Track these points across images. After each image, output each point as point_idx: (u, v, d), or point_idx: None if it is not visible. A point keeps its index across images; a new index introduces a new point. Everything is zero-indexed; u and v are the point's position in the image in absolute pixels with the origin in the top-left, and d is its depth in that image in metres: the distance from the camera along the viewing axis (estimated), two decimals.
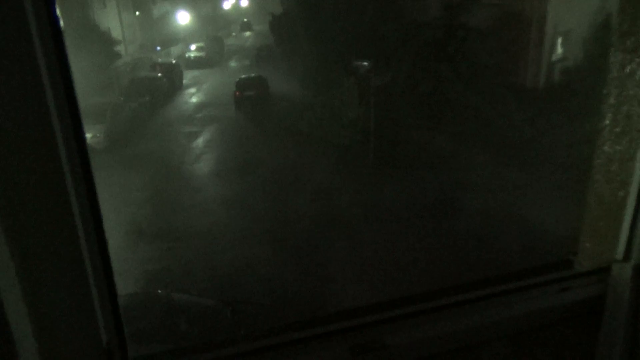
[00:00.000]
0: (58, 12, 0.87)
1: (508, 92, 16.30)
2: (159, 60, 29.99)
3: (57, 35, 0.88)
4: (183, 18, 40.63)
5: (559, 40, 18.09)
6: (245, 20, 51.08)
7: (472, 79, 16.27)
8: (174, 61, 29.40)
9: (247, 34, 47.70)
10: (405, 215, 11.53)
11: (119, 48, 25.52)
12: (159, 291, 8.89)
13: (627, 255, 1.44)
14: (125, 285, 9.56)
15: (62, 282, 0.96)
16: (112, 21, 26.82)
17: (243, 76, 23.34)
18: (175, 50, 34.95)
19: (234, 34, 48.28)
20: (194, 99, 24.61)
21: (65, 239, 0.94)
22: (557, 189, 11.24)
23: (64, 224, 0.93)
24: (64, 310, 0.97)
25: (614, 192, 1.47)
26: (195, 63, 31.72)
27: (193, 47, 33.69)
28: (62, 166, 0.90)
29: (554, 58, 18.18)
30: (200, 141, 18.06)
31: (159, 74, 25.06)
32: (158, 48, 33.42)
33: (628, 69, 1.37)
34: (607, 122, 1.46)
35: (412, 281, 8.93)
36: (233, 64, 33.69)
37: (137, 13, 32.69)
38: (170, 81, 24.93)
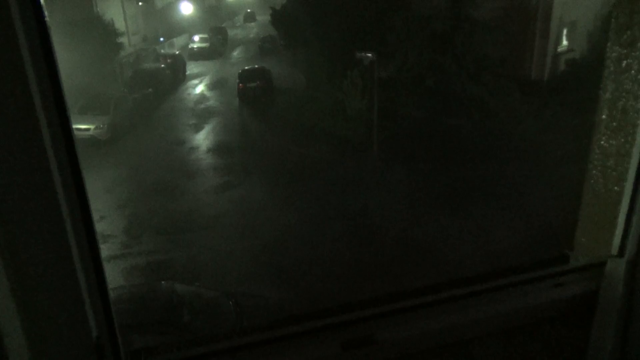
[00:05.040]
0: (42, 2, 0.87)
1: (513, 84, 16.21)
2: (162, 51, 29.95)
3: (42, 28, 0.88)
4: (186, 8, 40.50)
5: (565, 32, 17.95)
6: (249, 10, 50.89)
7: (478, 71, 16.17)
8: (177, 52, 29.35)
9: (251, 24, 47.54)
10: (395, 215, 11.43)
11: (122, 39, 25.46)
12: (163, 282, 8.92)
13: (621, 251, 1.43)
14: (130, 276, 9.62)
15: (51, 278, 0.96)
16: (115, 12, 26.71)
17: (246, 67, 23.25)
18: (178, 41, 34.87)
19: (237, 24, 48.14)
20: (196, 91, 24.60)
21: (54, 234, 0.94)
22: (553, 184, 11.22)
23: (51, 218, 0.93)
24: (52, 305, 0.97)
25: (609, 187, 1.47)
26: (199, 54, 31.67)
27: (196, 38, 33.61)
28: (48, 161, 0.90)
29: (560, 49, 18.05)
30: (202, 134, 18.07)
31: (162, 66, 25.04)
32: (161, 39, 33.36)
33: (624, 64, 1.35)
34: (604, 116, 1.45)
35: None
36: (237, 55, 33.62)
37: (140, 3, 32.58)
38: (173, 73, 24.91)
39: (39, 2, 0.86)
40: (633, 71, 1.33)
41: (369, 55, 15.40)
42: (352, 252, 9.97)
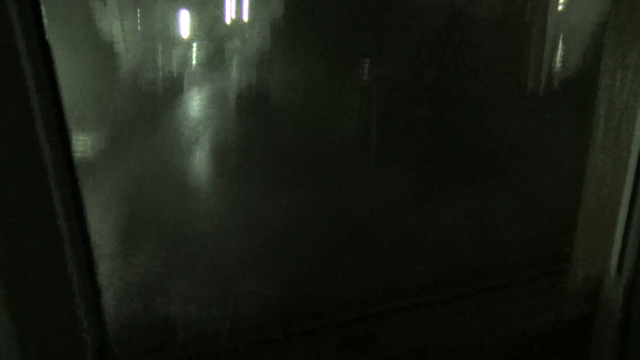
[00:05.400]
0: None
1: (512, 81, 16.23)
2: None
3: (42, 27, 0.86)
4: None
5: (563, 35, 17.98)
6: None
7: (476, 68, 16.20)
8: None
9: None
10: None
11: None
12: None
13: (619, 271, 1.41)
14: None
15: (44, 285, 0.93)
16: None
17: None
18: None
19: None
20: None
21: (47, 238, 0.91)
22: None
23: (45, 221, 0.91)
24: (45, 313, 0.95)
25: (604, 205, 1.44)
26: None
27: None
28: (44, 162, 0.88)
29: (559, 45, 18.10)
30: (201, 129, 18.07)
31: None
32: None
33: (618, 77, 1.33)
34: (598, 133, 1.43)
35: None
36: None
37: None
38: None
39: (38, 0, 0.85)
40: (627, 85, 1.31)
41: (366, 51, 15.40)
42: (351, 249, 9.98)
